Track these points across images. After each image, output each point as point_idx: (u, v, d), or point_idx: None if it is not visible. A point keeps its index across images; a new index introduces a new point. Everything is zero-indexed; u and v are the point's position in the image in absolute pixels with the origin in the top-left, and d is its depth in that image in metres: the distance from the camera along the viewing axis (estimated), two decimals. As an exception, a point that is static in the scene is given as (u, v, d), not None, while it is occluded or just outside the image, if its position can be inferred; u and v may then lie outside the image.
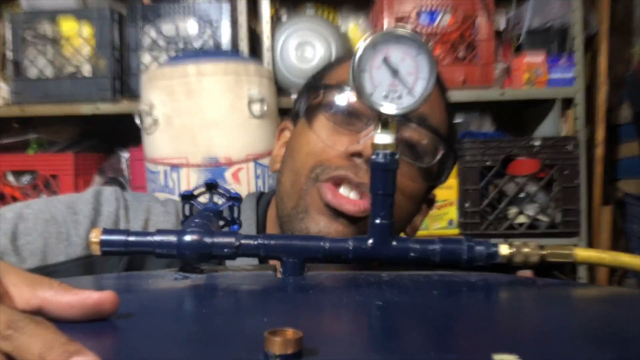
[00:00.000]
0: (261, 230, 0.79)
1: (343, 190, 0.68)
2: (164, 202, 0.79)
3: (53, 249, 0.69)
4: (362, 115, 0.70)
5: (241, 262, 0.55)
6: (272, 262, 0.52)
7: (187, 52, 1.89)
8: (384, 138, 0.50)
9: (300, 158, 0.72)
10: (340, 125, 0.70)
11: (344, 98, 0.71)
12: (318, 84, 0.78)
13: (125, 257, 0.70)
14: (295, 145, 0.75)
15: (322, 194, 0.68)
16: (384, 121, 0.50)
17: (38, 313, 0.35)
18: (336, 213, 0.67)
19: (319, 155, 0.70)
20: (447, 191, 1.95)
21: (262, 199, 0.83)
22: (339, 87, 0.72)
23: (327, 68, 0.83)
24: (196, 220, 0.52)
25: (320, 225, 0.68)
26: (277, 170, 0.79)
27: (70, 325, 0.36)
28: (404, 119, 0.69)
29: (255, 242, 0.49)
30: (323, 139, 0.70)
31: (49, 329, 0.31)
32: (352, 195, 0.68)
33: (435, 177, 0.75)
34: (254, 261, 0.58)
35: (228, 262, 0.53)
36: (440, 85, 0.79)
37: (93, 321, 0.35)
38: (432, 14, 1.96)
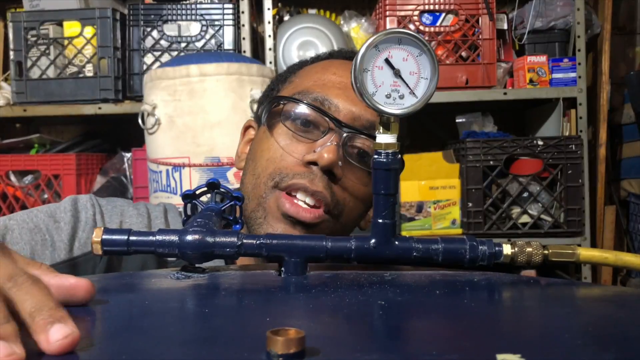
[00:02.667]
0: None
1: (300, 196, 0.71)
2: (136, 205, 0.84)
3: (40, 255, 0.73)
4: (320, 124, 0.74)
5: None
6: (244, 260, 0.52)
7: (189, 53, 1.89)
8: (385, 138, 0.50)
9: (262, 163, 0.76)
10: (298, 134, 0.74)
11: (303, 108, 0.74)
12: (280, 92, 0.82)
13: (105, 257, 0.73)
14: (257, 149, 0.78)
15: (280, 204, 0.72)
16: (386, 121, 0.50)
17: None
18: (293, 221, 0.71)
19: (278, 163, 0.74)
20: (450, 191, 1.95)
21: None
22: (298, 97, 0.75)
23: (289, 73, 0.86)
24: (198, 220, 0.52)
25: (278, 231, 0.71)
26: (241, 168, 0.83)
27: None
28: (355, 130, 0.72)
29: (257, 242, 0.49)
30: (282, 146, 0.74)
31: (42, 291, 0.35)
32: (308, 200, 0.71)
33: None
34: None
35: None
36: None
37: (69, 306, 0.38)
38: (435, 14, 1.96)
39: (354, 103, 0.74)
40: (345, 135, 0.72)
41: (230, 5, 1.92)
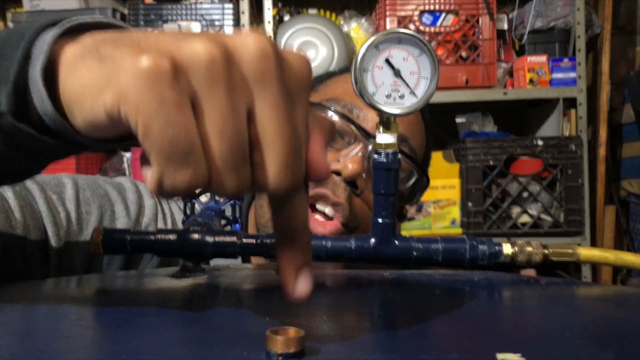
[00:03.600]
0: None
1: (319, 205, 0.69)
2: (177, 203, 0.80)
3: (107, 226, 0.68)
4: (346, 134, 0.71)
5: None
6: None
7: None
8: (385, 138, 0.50)
9: None
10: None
11: (330, 116, 0.72)
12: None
13: None
14: None
15: None
16: (386, 121, 0.50)
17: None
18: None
19: None
20: (450, 191, 1.95)
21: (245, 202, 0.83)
22: (325, 105, 0.73)
23: (316, 82, 0.84)
24: (198, 219, 0.52)
25: None
26: None
27: (71, 325, 0.36)
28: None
29: (257, 242, 0.49)
30: None
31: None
32: (327, 210, 0.69)
33: (406, 199, 0.77)
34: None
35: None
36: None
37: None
38: (435, 14, 1.96)
39: None
40: (371, 147, 0.70)
41: (231, 5, 1.92)
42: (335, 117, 0.71)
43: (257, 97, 0.29)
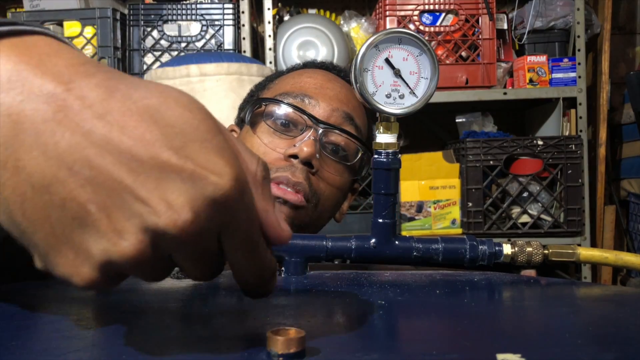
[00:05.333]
0: None
1: (282, 186, 0.77)
2: None
3: None
4: (298, 123, 0.81)
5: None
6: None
7: (189, 53, 1.89)
8: (385, 138, 0.50)
9: None
10: (280, 132, 0.81)
11: (284, 108, 0.81)
12: (261, 95, 0.90)
13: None
14: None
15: None
16: (386, 121, 0.50)
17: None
18: (281, 201, 0.77)
19: (261, 157, 0.75)
20: (450, 191, 1.95)
21: None
22: (279, 99, 0.82)
23: (267, 81, 0.94)
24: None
25: None
26: None
27: (71, 325, 0.36)
28: (330, 126, 0.80)
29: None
30: (265, 142, 0.81)
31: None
32: (290, 190, 0.77)
33: (357, 172, 0.87)
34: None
35: None
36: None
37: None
38: (435, 14, 1.96)
39: (329, 101, 0.82)
40: (321, 130, 0.80)
41: (231, 5, 1.92)
42: (288, 109, 0.81)
43: (222, 235, 0.30)
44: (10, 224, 0.28)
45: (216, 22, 1.92)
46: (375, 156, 0.50)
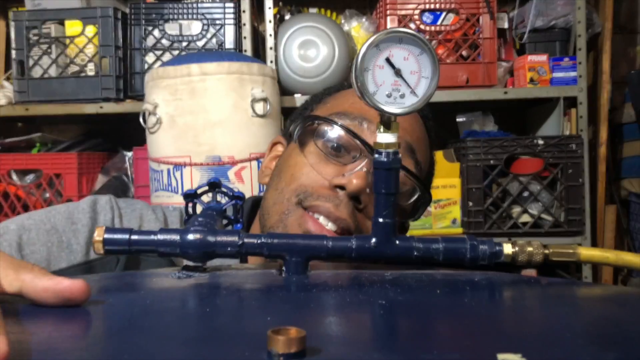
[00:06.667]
0: None
1: (322, 220, 0.69)
2: (154, 209, 0.83)
3: (56, 257, 0.73)
4: (351, 149, 0.71)
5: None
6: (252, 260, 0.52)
7: (190, 52, 1.89)
8: (386, 137, 0.50)
9: (286, 178, 0.73)
10: (329, 156, 0.72)
11: (337, 130, 0.72)
12: (314, 112, 0.80)
13: (123, 260, 0.73)
14: (284, 165, 0.76)
15: (303, 222, 0.70)
16: (387, 121, 0.50)
17: (19, 296, 0.39)
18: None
19: (303, 180, 0.72)
20: (451, 190, 1.95)
21: (255, 204, 0.84)
22: (334, 119, 0.73)
23: (325, 94, 0.84)
24: (199, 219, 0.52)
25: None
26: (265, 183, 0.81)
27: (72, 325, 0.36)
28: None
29: (259, 241, 0.49)
30: (311, 164, 0.72)
31: None
32: (330, 226, 0.69)
33: (408, 215, 0.77)
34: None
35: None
36: (425, 116, 0.82)
37: (66, 306, 0.39)
38: (436, 13, 1.96)
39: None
40: None
41: (232, 4, 1.92)
42: (341, 132, 0.71)
43: None
44: None
45: (217, 21, 1.92)
46: (376, 156, 0.50)
